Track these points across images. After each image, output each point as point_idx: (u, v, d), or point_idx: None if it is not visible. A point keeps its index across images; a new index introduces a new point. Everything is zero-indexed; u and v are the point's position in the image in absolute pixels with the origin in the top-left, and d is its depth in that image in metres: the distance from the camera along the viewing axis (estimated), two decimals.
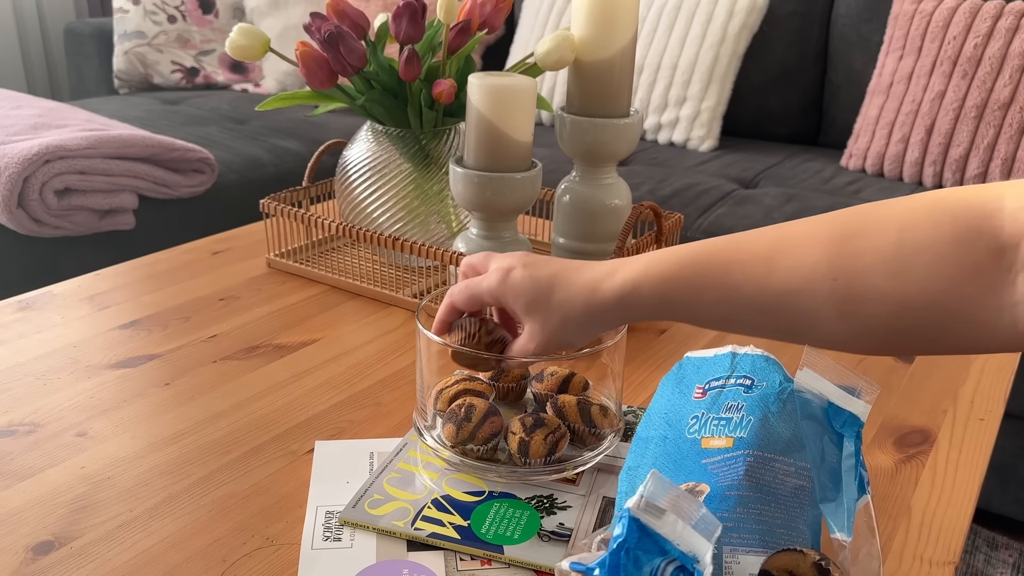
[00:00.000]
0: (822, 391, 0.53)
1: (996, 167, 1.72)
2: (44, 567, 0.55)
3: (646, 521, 0.41)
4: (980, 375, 0.83)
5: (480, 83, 0.81)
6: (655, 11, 2.12)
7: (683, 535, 0.40)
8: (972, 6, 1.76)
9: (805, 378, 0.53)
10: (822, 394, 0.52)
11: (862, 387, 0.53)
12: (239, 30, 0.91)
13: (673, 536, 0.40)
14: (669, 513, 0.41)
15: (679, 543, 0.40)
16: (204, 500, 0.62)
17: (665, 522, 0.41)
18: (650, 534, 0.41)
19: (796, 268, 0.52)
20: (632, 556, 0.40)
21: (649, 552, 0.41)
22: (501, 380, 0.68)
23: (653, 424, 0.56)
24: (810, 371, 0.53)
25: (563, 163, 1.75)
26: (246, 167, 1.96)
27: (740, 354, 0.57)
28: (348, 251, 1.04)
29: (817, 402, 0.52)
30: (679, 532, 0.41)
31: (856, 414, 0.52)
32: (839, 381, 0.53)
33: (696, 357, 0.59)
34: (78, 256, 1.67)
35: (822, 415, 0.52)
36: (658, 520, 0.41)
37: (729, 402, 0.53)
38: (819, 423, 0.52)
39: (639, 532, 0.41)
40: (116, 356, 0.82)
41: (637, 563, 0.40)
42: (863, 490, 0.52)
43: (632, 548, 0.40)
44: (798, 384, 0.53)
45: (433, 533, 0.57)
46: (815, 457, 0.51)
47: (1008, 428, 1.50)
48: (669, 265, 0.56)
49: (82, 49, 2.66)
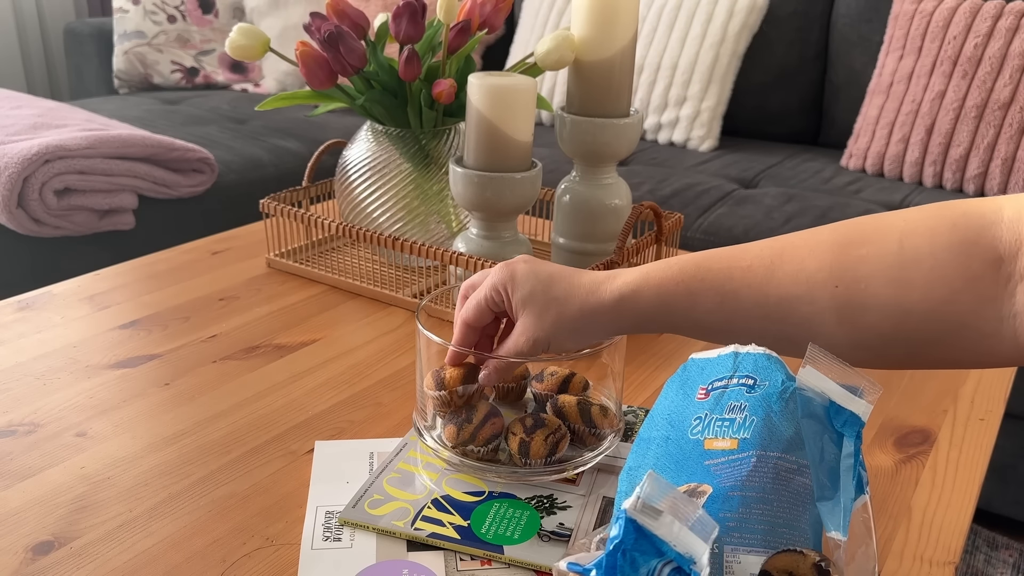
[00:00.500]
0: (824, 389, 0.52)
1: (996, 167, 1.72)
2: (44, 567, 0.55)
3: (643, 522, 0.40)
4: (980, 375, 0.83)
5: (480, 83, 0.81)
6: (655, 11, 2.12)
7: (680, 536, 0.40)
8: (972, 6, 1.76)
9: (807, 376, 0.53)
10: (824, 392, 0.52)
11: (864, 387, 0.53)
12: (239, 30, 0.91)
13: (670, 537, 0.40)
14: (666, 514, 0.41)
15: (676, 544, 0.40)
16: (204, 500, 0.62)
17: (662, 523, 0.41)
18: (647, 535, 0.41)
19: (797, 274, 0.51)
20: (629, 557, 0.40)
21: (646, 553, 0.41)
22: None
23: (656, 425, 0.56)
24: (813, 369, 0.53)
25: (563, 163, 1.75)
26: (246, 167, 1.96)
27: (743, 353, 0.57)
28: (348, 251, 1.04)
29: (819, 400, 0.52)
30: (676, 533, 0.40)
31: (857, 414, 0.52)
32: (842, 380, 0.53)
33: (700, 358, 0.59)
34: (78, 256, 1.67)
35: (823, 413, 0.52)
36: (655, 521, 0.41)
37: (732, 402, 0.53)
38: (819, 421, 0.52)
39: (636, 533, 0.40)
40: (116, 356, 0.82)
41: (634, 564, 0.40)
42: (861, 490, 0.52)
43: (629, 549, 0.40)
44: (800, 382, 0.53)
45: (433, 533, 0.57)
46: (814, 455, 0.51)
47: (1008, 428, 1.50)
48: (668, 270, 0.56)
49: (82, 49, 2.66)
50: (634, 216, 0.88)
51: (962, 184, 1.78)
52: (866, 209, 1.67)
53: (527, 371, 0.69)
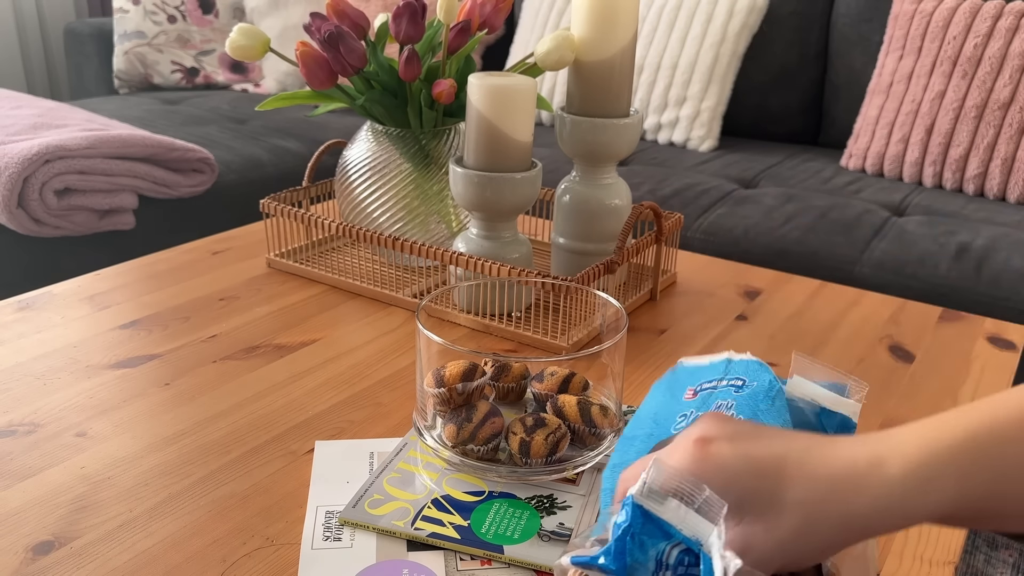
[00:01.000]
0: (813, 396, 0.52)
1: (996, 167, 1.72)
2: (44, 567, 0.55)
3: (649, 507, 0.40)
4: (980, 375, 0.83)
5: (480, 83, 0.81)
6: (655, 11, 2.12)
7: (687, 520, 0.40)
8: (972, 6, 1.76)
9: (796, 386, 0.53)
10: (813, 399, 0.52)
11: (850, 385, 0.53)
12: (239, 30, 0.91)
13: (676, 521, 0.40)
14: (671, 499, 0.40)
15: (683, 528, 0.40)
16: (204, 500, 0.62)
17: (668, 507, 0.40)
18: (654, 520, 0.41)
19: None
20: (638, 541, 0.40)
21: (654, 536, 0.41)
22: (501, 380, 0.68)
23: (641, 424, 0.56)
24: (800, 378, 0.53)
25: (563, 163, 1.75)
26: (246, 167, 1.96)
27: (735, 360, 0.57)
28: (348, 251, 1.04)
29: (809, 409, 0.52)
30: (682, 517, 0.40)
31: (848, 415, 0.52)
32: (827, 380, 0.53)
33: (690, 364, 0.59)
34: (78, 256, 1.67)
35: (815, 421, 0.52)
36: (660, 506, 0.40)
37: (719, 401, 0.53)
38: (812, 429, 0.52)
39: (643, 518, 0.40)
40: (116, 356, 0.82)
41: (643, 547, 0.40)
42: None
43: (637, 533, 0.40)
44: (789, 393, 0.53)
45: (433, 533, 0.57)
46: None
47: None
48: (959, 440, 0.39)
49: (82, 49, 2.66)
50: (634, 216, 0.88)
51: (962, 184, 1.78)
52: (866, 209, 1.67)
53: (527, 371, 0.69)
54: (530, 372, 0.69)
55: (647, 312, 0.94)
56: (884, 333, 0.91)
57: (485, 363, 0.64)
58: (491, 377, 0.68)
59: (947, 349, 0.88)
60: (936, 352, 0.88)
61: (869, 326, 0.93)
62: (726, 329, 0.91)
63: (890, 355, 0.87)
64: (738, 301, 0.98)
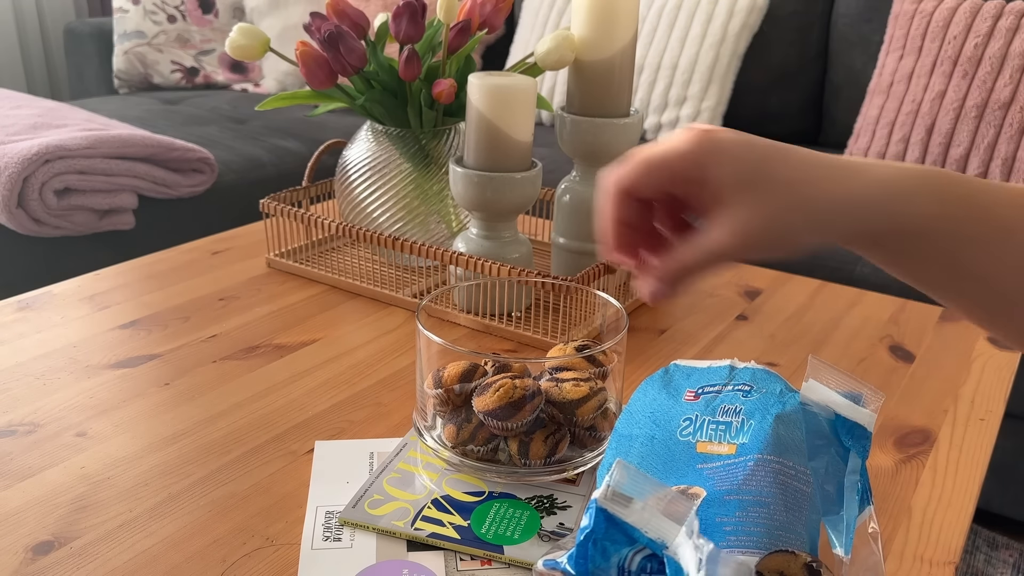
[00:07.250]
0: (828, 402, 0.52)
1: (996, 167, 1.72)
2: (44, 567, 0.55)
3: (613, 511, 0.40)
4: (980, 375, 0.83)
5: (480, 83, 0.81)
6: (655, 11, 2.12)
7: (651, 522, 0.40)
8: (972, 6, 1.76)
9: (811, 390, 0.52)
10: (828, 406, 0.52)
11: (866, 394, 0.53)
12: (239, 30, 0.91)
13: (640, 523, 0.40)
14: (636, 501, 0.40)
15: (647, 530, 0.40)
16: (204, 500, 0.62)
17: (632, 510, 0.40)
18: (617, 524, 0.41)
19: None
20: (600, 547, 0.40)
21: (617, 542, 0.41)
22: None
23: (637, 423, 0.55)
24: (815, 382, 0.52)
25: (563, 163, 1.75)
26: (246, 167, 1.96)
27: (740, 368, 0.56)
28: (348, 251, 1.04)
29: (824, 415, 0.52)
30: (647, 519, 0.40)
31: (863, 424, 0.52)
32: (843, 388, 0.53)
33: (686, 365, 0.59)
34: (78, 256, 1.67)
35: (829, 428, 0.52)
36: (625, 509, 0.40)
37: (726, 405, 0.53)
38: (825, 436, 0.52)
39: (606, 523, 0.40)
40: (116, 356, 0.82)
41: (605, 553, 0.40)
42: (867, 501, 0.51)
43: (600, 539, 0.40)
44: (804, 396, 0.52)
45: (433, 533, 0.57)
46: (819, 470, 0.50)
47: (1008, 428, 1.50)
48: (930, 169, 0.43)
49: (82, 49, 2.66)
50: None
51: None
52: None
53: (526, 370, 0.69)
54: (530, 372, 0.69)
55: (647, 312, 0.94)
56: (884, 333, 0.91)
57: (485, 363, 0.64)
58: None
59: (947, 349, 0.88)
60: (936, 352, 0.88)
61: (869, 326, 0.93)
62: (726, 329, 0.91)
63: (890, 355, 0.87)
64: (738, 301, 0.98)
